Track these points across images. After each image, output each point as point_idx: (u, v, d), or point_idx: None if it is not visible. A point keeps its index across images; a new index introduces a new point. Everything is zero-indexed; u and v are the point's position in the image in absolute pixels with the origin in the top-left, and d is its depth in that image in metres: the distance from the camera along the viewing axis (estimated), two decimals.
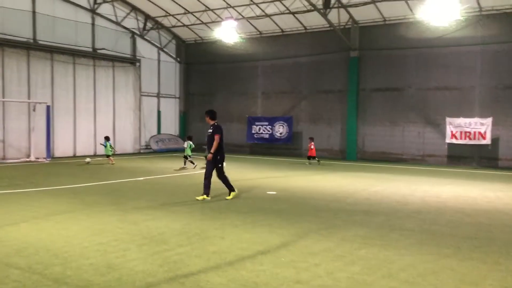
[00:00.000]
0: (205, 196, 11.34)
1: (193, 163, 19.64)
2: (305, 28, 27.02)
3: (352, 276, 5.75)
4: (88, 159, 21.26)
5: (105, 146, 21.27)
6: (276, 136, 27.58)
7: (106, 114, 27.00)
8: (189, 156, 19.83)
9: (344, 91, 25.86)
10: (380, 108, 24.87)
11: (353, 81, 25.37)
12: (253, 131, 28.58)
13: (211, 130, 11.54)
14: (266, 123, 28.05)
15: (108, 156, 21.10)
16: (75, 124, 24.96)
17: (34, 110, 22.65)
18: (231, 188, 11.82)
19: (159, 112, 31.24)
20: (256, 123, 28.49)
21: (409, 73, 24.02)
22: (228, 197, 11.62)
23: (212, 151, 11.29)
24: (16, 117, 22.44)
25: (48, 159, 22.12)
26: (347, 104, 25.65)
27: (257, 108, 29.39)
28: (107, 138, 21.51)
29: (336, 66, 26.12)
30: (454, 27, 22.13)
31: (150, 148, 29.71)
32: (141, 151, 29.06)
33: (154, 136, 30.36)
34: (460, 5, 19.29)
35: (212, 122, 11.69)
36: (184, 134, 32.14)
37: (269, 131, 27.91)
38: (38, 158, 22.13)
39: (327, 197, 12.22)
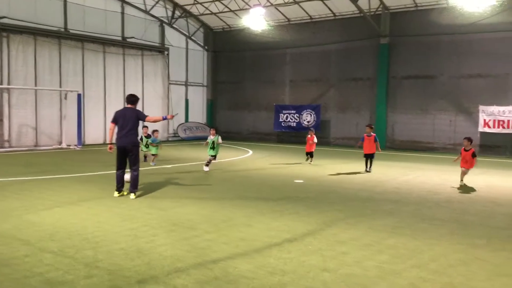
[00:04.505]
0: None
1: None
2: (334, 15, 26.62)
3: (381, 265, 5.69)
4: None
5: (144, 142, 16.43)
6: (303, 125, 27.40)
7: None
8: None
9: (373, 78, 25.45)
10: (411, 96, 24.38)
11: (383, 68, 24.92)
12: (280, 120, 28.48)
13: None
14: (294, 112, 27.90)
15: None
16: (105, 112, 25.36)
17: (65, 98, 23.11)
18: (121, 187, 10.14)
19: (187, 100, 31.46)
20: (284, 111, 28.37)
21: (441, 60, 23.42)
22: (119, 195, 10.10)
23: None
24: (48, 105, 22.95)
25: (79, 147, 22.60)
26: (376, 92, 25.26)
27: (284, 96, 29.25)
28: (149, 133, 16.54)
29: (366, 53, 25.69)
30: (489, 13, 21.41)
31: (178, 136, 29.99)
32: (169, 139, 29.36)
33: (182, 124, 30.61)
34: None
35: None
36: (212, 122, 32.37)
37: (296, 119, 27.76)
38: (69, 145, 22.61)
39: (355, 186, 12.10)
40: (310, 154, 17.20)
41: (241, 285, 4.95)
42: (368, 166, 15.15)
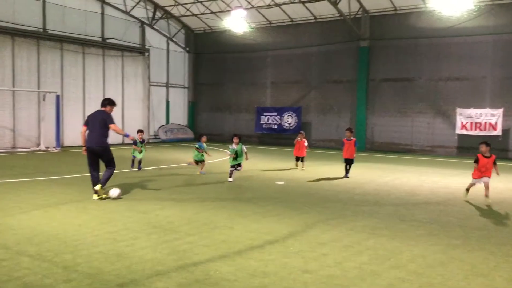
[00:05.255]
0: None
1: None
2: (315, 18, 26.81)
3: (360, 266, 5.75)
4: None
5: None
6: (284, 127, 27.52)
7: None
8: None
9: (353, 81, 25.69)
10: (390, 99, 24.70)
11: (363, 71, 25.19)
12: (261, 121, 28.55)
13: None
14: (275, 113, 27.99)
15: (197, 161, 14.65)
16: (84, 114, 24.96)
17: (43, 99, 22.77)
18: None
19: (167, 102, 31.29)
20: (265, 113, 28.44)
21: (420, 63, 23.79)
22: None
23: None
24: (26, 106, 22.58)
25: (57, 148, 22.28)
26: (356, 94, 25.50)
27: (266, 98, 29.32)
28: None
29: (346, 56, 25.93)
30: (466, 17, 21.83)
31: (159, 138, 29.81)
32: (150, 140, 29.15)
33: (162, 126, 30.44)
34: None
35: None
36: (193, 124, 32.26)
37: (277, 121, 27.86)
38: (47, 147, 22.28)
39: (335, 188, 12.19)
40: (301, 159, 16.17)
41: None
42: (346, 171, 14.32)
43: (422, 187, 12.53)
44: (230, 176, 12.99)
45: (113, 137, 9.83)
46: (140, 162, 15.22)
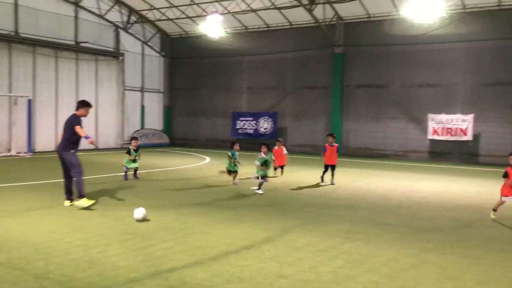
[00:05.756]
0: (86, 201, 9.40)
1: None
2: (291, 24, 27.02)
3: (335, 270, 5.80)
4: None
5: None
6: (260, 132, 27.59)
7: None
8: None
9: (328, 87, 25.95)
10: (364, 104, 25.04)
11: (338, 77, 25.48)
12: (237, 126, 28.54)
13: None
14: (251, 119, 28.04)
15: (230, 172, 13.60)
16: (57, 119, 24.53)
17: (15, 103, 22.28)
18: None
19: (142, 107, 30.98)
20: (241, 118, 28.45)
21: (393, 69, 24.21)
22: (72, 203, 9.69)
23: None
24: None
25: (29, 154, 21.80)
26: (331, 100, 25.77)
27: (242, 103, 29.34)
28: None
29: (321, 62, 26.19)
30: (438, 24, 22.32)
31: None
32: (124, 146, 28.76)
33: (137, 131, 30.11)
34: (444, 2, 19.49)
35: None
36: (169, 128, 32.00)
37: (253, 126, 27.91)
38: (19, 153, 21.77)
39: (311, 193, 12.27)
40: (280, 167, 15.77)
41: None
42: (330, 178, 13.92)
43: (395, 191, 12.72)
44: (259, 188, 11.87)
45: (84, 143, 9.54)
46: (136, 170, 14.06)
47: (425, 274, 5.75)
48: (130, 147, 13.98)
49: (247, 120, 28.21)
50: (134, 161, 13.91)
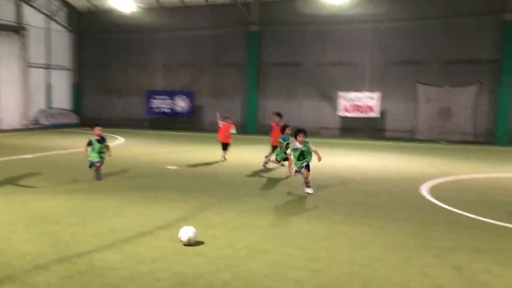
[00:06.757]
0: None
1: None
2: (206, 1, 26.56)
3: (251, 245, 5.87)
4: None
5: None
6: (177, 110, 27.11)
7: None
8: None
9: (245, 65, 26.01)
10: (280, 82, 25.44)
11: (253, 55, 25.59)
12: (153, 105, 27.81)
13: None
14: (167, 97, 27.42)
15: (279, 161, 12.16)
16: None
17: None
18: None
19: (49, 85, 29.11)
20: (156, 97, 27.73)
21: (307, 48, 24.76)
22: None
23: None
24: None
25: None
26: (247, 78, 25.87)
27: (157, 82, 28.57)
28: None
29: (237, 40, 26.13)
30: (348, 5, 23.08)
31: (41, 124, 27.68)
32: (30, 126, 26.98)
33: (44, 110, 28.31)
34: None
35: None
36: (78, 108, 30.41)
37: (170, 105, 27.34)
38: None
39: (227, 171, 12.31)
40: (226, 147, 14.14)
41: (108, 277, 4.74)
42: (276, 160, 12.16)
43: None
44: (309, 187, 9.24)
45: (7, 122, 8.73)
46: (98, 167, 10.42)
47: (336, 244, 6.00)
48: (91, 138, 10.45)
49: (162, 99, 27.55)
50: (99, 153, 10.36)
